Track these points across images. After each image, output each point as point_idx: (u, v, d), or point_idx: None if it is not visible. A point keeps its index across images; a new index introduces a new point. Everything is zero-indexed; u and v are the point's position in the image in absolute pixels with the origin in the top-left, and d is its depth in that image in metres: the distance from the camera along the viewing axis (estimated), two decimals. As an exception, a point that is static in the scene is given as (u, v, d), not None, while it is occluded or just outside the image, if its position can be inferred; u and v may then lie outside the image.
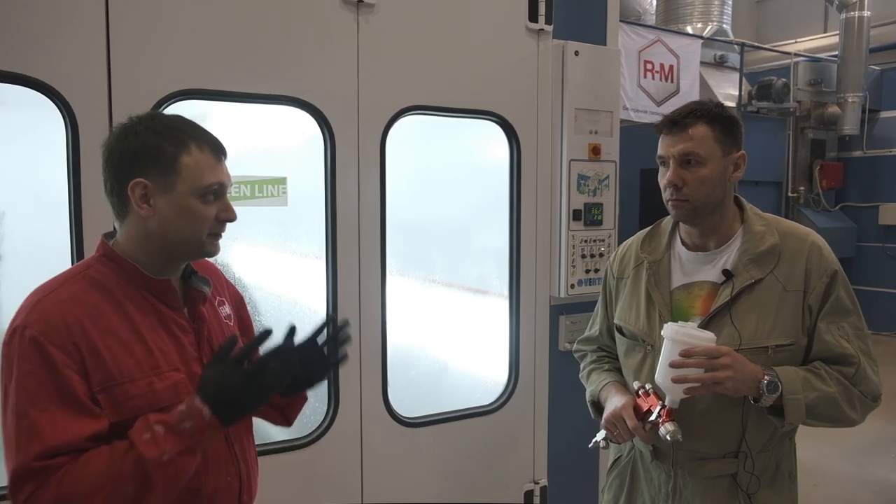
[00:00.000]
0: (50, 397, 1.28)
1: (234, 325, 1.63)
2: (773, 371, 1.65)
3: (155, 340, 1.41)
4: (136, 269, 1.42)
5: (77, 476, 1.27)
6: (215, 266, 1.72)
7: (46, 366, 1.29)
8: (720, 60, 8.34)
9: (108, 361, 1.34)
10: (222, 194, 1.45)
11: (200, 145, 1.42)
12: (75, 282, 1.40)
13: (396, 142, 2.64)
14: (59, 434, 1.27)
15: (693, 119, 1.71)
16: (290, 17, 2.38)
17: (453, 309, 3.17)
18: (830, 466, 4.90)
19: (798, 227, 1.81)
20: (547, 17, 2.90)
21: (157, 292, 1.44)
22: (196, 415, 1.33)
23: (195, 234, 1.43)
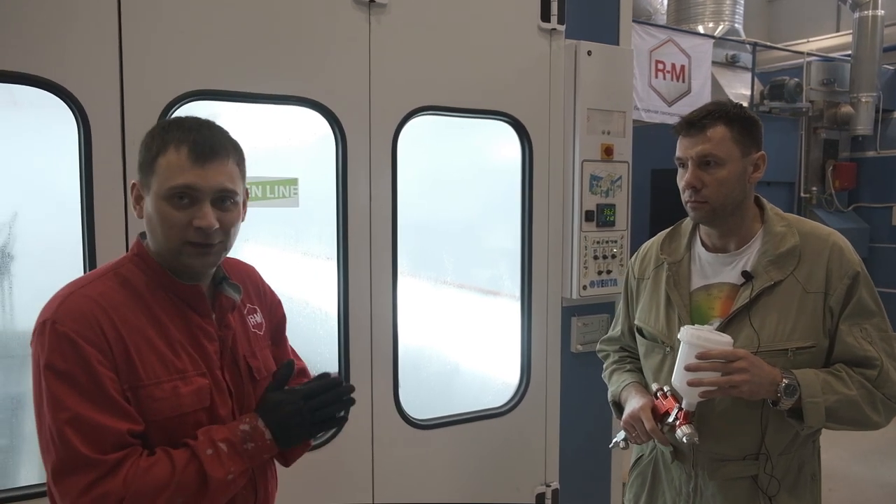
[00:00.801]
0: (88, 393, 1.27)
1: (263, 335, 1.59)
2: (792, 374, 1.63)
3: (182, 344, 1.39)
4: (164, 273, 1.40)
5: (143, 479, 1.28)
6: (253, 270, 1.67)
7: (80, 362, 1.27)
8: (732, 60, 8.28)
9: (136, 362, 1.33)
10: (199, 200, 1.34)
11: (179, 146, 1.34)
12: (106, 279, 1.38)
13: (408, 142, 2.62)
14: (104, 428, 1.26)
15: (711, 120, 1.70)
16: (302, 17, 2.37)
17: (464, 310, 3.16)
18: (845, 470, 4.85)
19: (820, 228, 1.79)
20: (559, 16, 2.88)
21: (185, 297, 1.42)
22: (259, 437, 1.38)
23: (168, 239, 1.36)
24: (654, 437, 1.73)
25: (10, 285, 2.26)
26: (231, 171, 1.39)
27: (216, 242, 1.37)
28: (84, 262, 2.10)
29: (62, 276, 2.20)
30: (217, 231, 1.36)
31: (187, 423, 1.37)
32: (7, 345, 2.26)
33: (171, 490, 1.29)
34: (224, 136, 1.42)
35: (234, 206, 1.40)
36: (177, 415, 1.36)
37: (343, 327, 2.52)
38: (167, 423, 1.35)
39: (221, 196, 1.37)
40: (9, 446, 2.27)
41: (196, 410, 1.37)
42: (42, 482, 2.12)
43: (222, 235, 1.38)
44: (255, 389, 1.50)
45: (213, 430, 1.36)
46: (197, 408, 1.38)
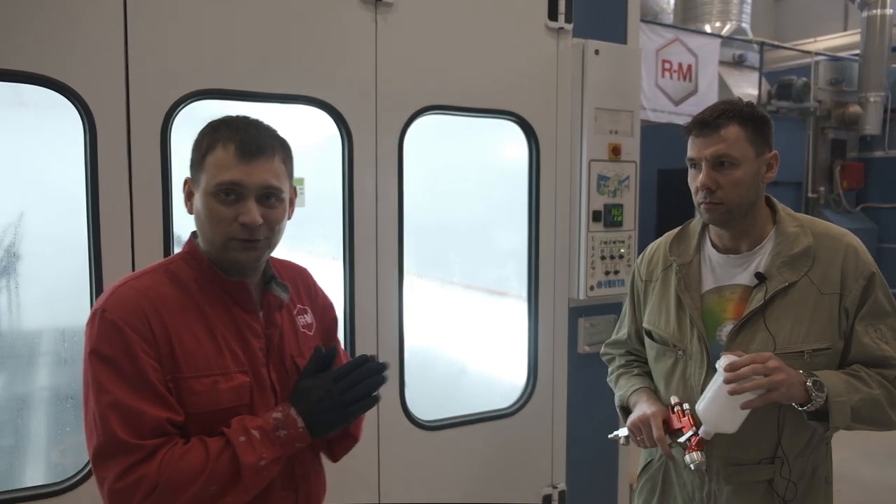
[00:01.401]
0: (133, 380, 1.31)
1: (313, 335, 1.60)
2: (815, 375, 1.61)
3: (226, 341, 1.41)
4: (212, 269, 1.43)
5: (177, 466, 1.29)
6: (305, 271, 1.69)
7: (125, 349, 1.31)
8: (739, 60, 8.26)
9: (179, 354, 1.36)
10: (245, 197, 1.37)
11: (227, 144, 1.37)
12: (156, 274, 1.42)
13: (414, 142, 2.61)
14: (145, 415, 1.30)
15: (725, 119, 1.67)
16: (308, 16, 2.36)
17: (471, 311, 3.14)
18: (853, 471, 4.82)
19: (833, 228, 1.76)
20: (567, 15, 2.86)
21: (232, 294, 1.44)
22: (291, 425, 1.37)
23: (215, 236, 1.39)
24: (660, 446, 1.69)
25: (17, 285, 2.26)
26: (277, 169, 1.41)
27: (261, 238, 1.40)
28: (89, 263, 2.09)
29: (68, 276, 2.22)
30: (261, 227, 1.38)
31: (225, 418, 1.38)
32: (13, 345, 2.26)
33: (204, 477, 1.31)
34: (271, 134, 1.45)
35: (280, 202, 1.42)
36: (214, 410, 1.37)
37: (349, 327, 2.50)
38: (205, 416, 1.37)
39: (266, 193, 1.39)
40: (14, 447, 2.27)
41: (235, 407, 1.39)
42: (47, 482, 2.12)
43: (267, 231, 1.40)
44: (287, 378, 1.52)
45: (246, 418, 1.37)
46: (236, 404, 1.39)
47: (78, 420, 2.24)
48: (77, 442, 2.23)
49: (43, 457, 2.30)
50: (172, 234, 2.21)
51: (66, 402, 2.27)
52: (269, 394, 1.46)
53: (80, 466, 2.13)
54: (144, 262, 2.12)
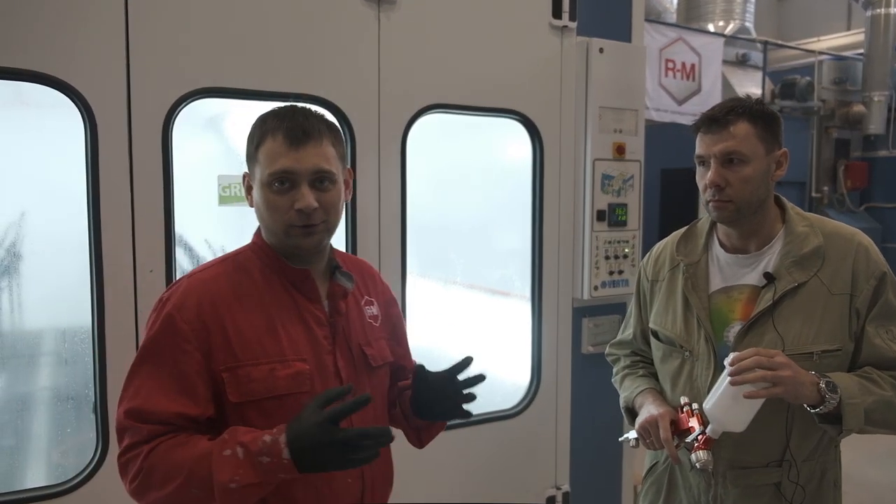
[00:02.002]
0: (161, 367, 1.36)
1: (380, 327, 1.62)
2: (827, 376, 1.58)
3: (286, 328, 1.43)
4: (277, 258, 1.47)
5: (163, 458, 1.32)
6: (371, 267, 1.73)
7: (170, 339, 1.37)
8: (742, 59, 8.23)
9: (235, 343, 1.39)
10: (298, 183, 1.39)
11: (275, 134, 1.40)
12: (224, 264, 1.48)
13: (417, 141, 2.59)
14: (154, 402, 1.35)
15: (734, 116, 1.64)
16: (311, 14, 2.34)
17: (474, 311, 3.12)
18: (859, 473, 4.79)
19: (843, 228, 1.74)
20: (571, 13, 2.84)
21: (295, 282, 1.47)
22: (276, 454, 1.28)
23: (274, 224, 1.42)
24: (666, 447, 1.67)
25: (18, 285, 2.24)
26: (326, 153, 1.43)
27: (318, 223, 1.42)
28: (90, 263, 2.08)
29: (69, 276, 2.21)
30: (318, 211, 1.40)
31: (286, 405, 1.39)
32: (14, 345, 2.24)
33: (183, 476, 1.30)
34: (319, 119, 1.47)
35: (333, 185, 1.44)
36: (272, 396, 1.39)
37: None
38: (264, 403, 1.39)
39: (319, 177, 1.41)
40: (15, 447, 2.25)
41: (294, 394, 1.40)
42: (48, 484, 2.11)
43: (324, 215, 1.42)
44: (370, 377, 1.54)
45: (240, 430, 1.34)
46: (294, 391, 1.40)
47: (79, 421, 2.23)
48: (78, 443, 2.22)
49: (44, 458, 2.29)
50: (174, 234, 2.19)
51: (67, 402, 2.25)
52: (334, 381, 1.47)
53: (81, 467, 2.11)
54: (146, 262, 2.14)
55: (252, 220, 2.45)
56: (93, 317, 2.10)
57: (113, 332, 2.10)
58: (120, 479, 2.09)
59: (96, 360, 2.10)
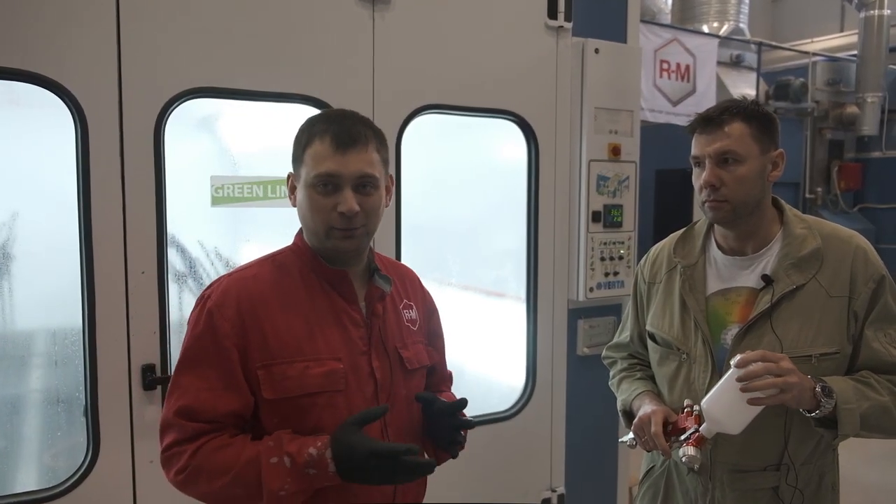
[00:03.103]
0: (207, 365, 1.41)
1: (418, 331, 1.64)
2: (823, 380, 1.57)
3: (322, 328, 1.47)
4: (316, 258, 1.50)
5: (209, 458, 1.38)
6: (412, 273, 1.76)
7: (211, 336, 1.42)
8: (737, 60, 8.23)
9: (271, 340, 1.43)
10: (342, 186, 1.43)
11: (323, 136, 1.44)
12: (263, 264, 1.53)
13: (412, 142, 2.58)
14: (203, 400, 1.40)
15: (729, 116, 1.64)
16: (304, 13, 2.33)
17: (469, 312, 3.11)
18: (854, 474, 4.79)
19: (841, 230, 1.73)
20: (566, 14, 2.83)
21: (333, 282, 1.50)
22: (322, 467, 1.36)
23: (315, 225, 1.46)
24: (657, 441, 1.65)
25: (9, 286, 2.22)
26: (371, 158, 1.46)
27: (359, 226, 1.45)
28: (81, 263, 2.06)
29: (60, 277, 2.19)
30: (359, 215, 1.44)
31: (318, 403, 1.44)
32: (3, 346, 2.22)
33: (228, 478, 1.37)
34: (365, 124, 1.50)
35: (375, 190, 1.47)
36: (305, 394, 1.43)
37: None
38: (298, 400, 1.43)
39: (362, 181, 1.44)
40: (5, 450, 2.23)
41: (326, 392, 1.44)
42: (39, 488, 2.08)
43: (364, 219, 1.46)
44: (405, 380, 1.57)
45: (286, 437, 1.40)
46: (327, 390, 1.44)
47: (70, 423, 2.21)
48: (69, 445, 2.20)
49: (35, 461, 2.26)
50: (166, 235, 2.17)
51: (58, 405, 2.23)
52: (368, 381, 1.50)
53: (72, 470, 2.09)
54: (137, 263, 2.11)
55: (246, 222, 2.47)
56: (83, 318, 2.07)
57: (104, 334, 2.08)
58: (109, 483, 2.11)
59: (87, 363, 2.08)
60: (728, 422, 1.57)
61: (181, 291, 2.35)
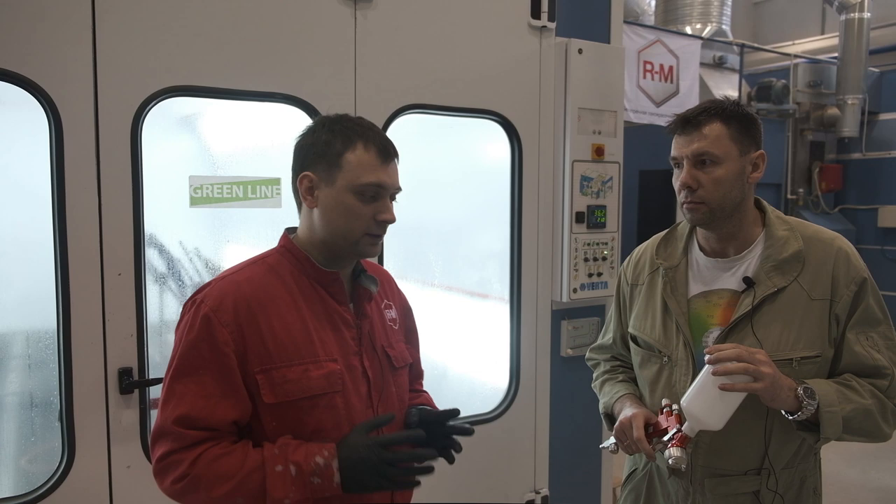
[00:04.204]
0: (204, 372, 1.38)
1: (398, 330, 1.68)
2: (805, 383, 1.56)
3: (317, 330, 1.47)
4: (308, 260, 1.50)
5: (210, 466, 1.36)
6: (388, 273, 1.79)
7: (209, 342, 1.39)
8: (719, 61, 8.28)
9: (269, 344, 1.42)
10: (382, 196, 1.47)
11: (367, 145, 1.45)
12: (255, 267, 1.50)
13: (396, 142, 2.54)
14: (201, 408, 1.37)
15: (707, 117, 1.63)
16: (285, 11, 2.30)
17: (453, 313, 3.09)
18: (835, 473, 4.83)
19: (824, 232, 1.72)
20: (550, 14, 2.82)
21: (325, 284, 1.51)
22: (327, 477, 1.38)
23: (350, 231, 1.46)
24: (640, 446, 1.63)
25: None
26: (398, 171, 1.53)
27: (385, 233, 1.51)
28: (55, 264, 2.02)
29: (35, 278, 2.14)
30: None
31: (319, 405, 1.44)
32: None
33: (231, 485, 1.35)
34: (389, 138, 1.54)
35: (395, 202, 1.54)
36: (307, 397, 1.43)
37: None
38: (299, 403, 1.43)
39: (395, 193, 1.51)
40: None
41: (327, 394, 1.44)
42: (11, 495, 2.04)
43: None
44: (394, 378, 1.60)
45: (291, 446, 1.39)
46: (328, 391, 1.44)
47: (46, 427, 2.17)
48: (46, 450, 2.15)
49: (11, 466, 2.22)
50: (143, 236, 2.14)
51: (32, 409, 2.19)
52: (362, 381, 1.52)
53: (48, 475, 2.05)
54: (114, 264, 2.08)
55: (226, 223, 2.43)
56: (58, 320, 2.03)
57: (79, 336, 2.04)
58: (85, 489, 2.07)
59: (62, 366, 2.04)
60: (709, 418, 1.56)
61: (162, 293, 2.32)
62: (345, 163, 1.44)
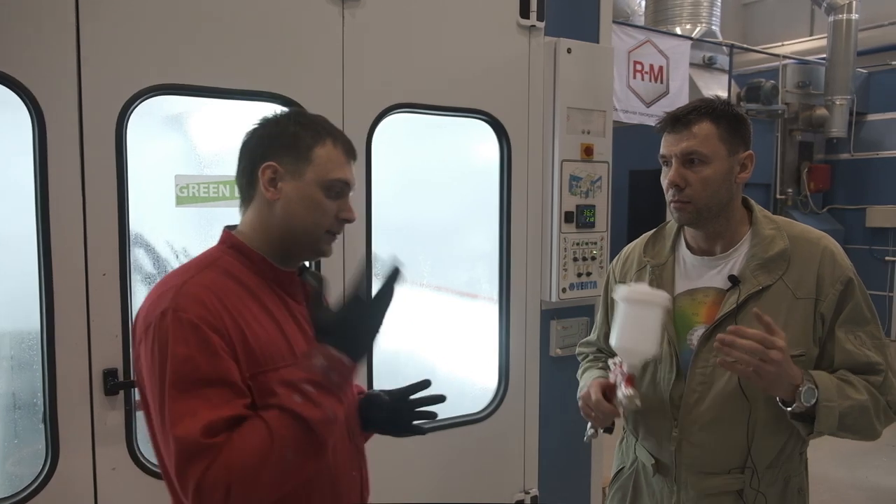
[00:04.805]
0: (207, 380, 1.27)
1: None
2: (811, 375, 1.55)
3: (289, 330, 1.43)
4: (265, 260, 1.44)
5: (241, 454, 1.23)
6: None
7: (205, 350, 1.28)
8: (709, 62, 8.31)
9: (255, 349, 1.35)
10: (345, 194, 1.46)
11: (335, 142, 1.44)
12: (211, 270, 1.39)
13: (384, 141, 2.55)
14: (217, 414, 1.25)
15: (696, 116, 1.63)
16: (273, 9, 2.28)
17: (442, 313, 3.08)
18: (824, 472, 4.85)
19: (810, 231, 1.72)
20: (539, 13, 2.82)
21: (284, 283, 1.46)
22: (339, 365, 1.32)
23: (314, 225, 1.43)
24: (601, 408, 1.66)
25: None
26: None
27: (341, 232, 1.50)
28: (39, 264, 1.99)
29: (18, 278, 2.12)
30: None
31: None
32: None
33: (274, 453, 1.25)
34: None
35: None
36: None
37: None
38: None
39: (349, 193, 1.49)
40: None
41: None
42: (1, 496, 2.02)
43: None
44: None
45: (284, 374, 1.31)
46: None
47: (30, 429, 2.14)
48: (31, 452, 2.13)
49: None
50: (128, 235, 2.12)
51: (15, 411, 2.16)
52: None
53: (32, 477, 2.03)
54: (99, 265, 2.05)
55: (212, 222, 2.41)
56: (42, 321, 2.01)
57: (63, 337, 2.02)
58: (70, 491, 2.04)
59: (45, 367, 2.02)
60: (639, 345, 1.61)
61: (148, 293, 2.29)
62: (315, 157, 1.41)
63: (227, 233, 1.48)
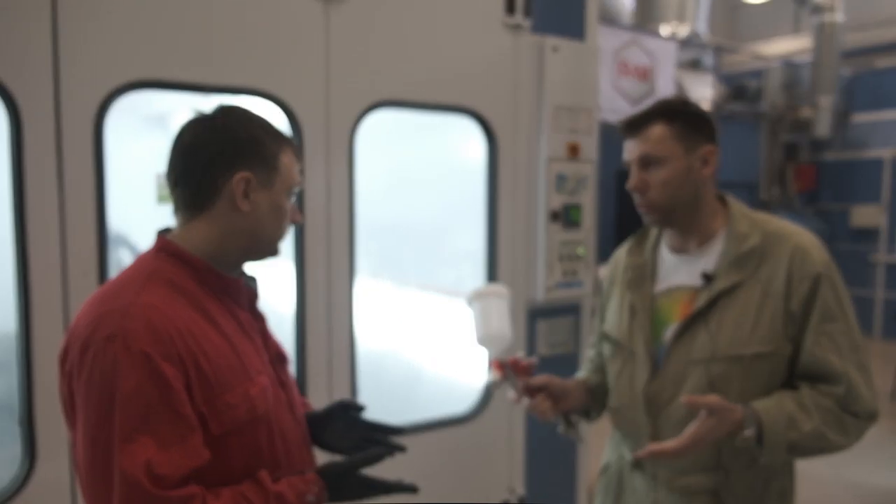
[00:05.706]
0: (160, 418, 1.18)
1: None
2: (756, 412, 1.53)
3: (239, 344, 1.35)
4: (212, 270, 1.34)
5: None
6: None
7: (157, 382, 1.18)
8: (695, 62, 8.35)
9: (208, 372, 1.25)
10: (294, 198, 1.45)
11: (291, 146, 1.42)
12: (155, 284, 1.27)
13: (370, 140, 2.52)
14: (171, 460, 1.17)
15: (649, 119, 1.64)
16: (256, 4, 2.25)
17: (427, 313, 3.07)
18: (810, 469, 4.83)
19: (787, 228, 1.68)
20: (525, 10, 2.80)
21: (229, 291, 1.38)
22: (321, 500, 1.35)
23: (280, 232, 1.41)
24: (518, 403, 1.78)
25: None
26: None
27: None
28: (16, 264, 1.95)
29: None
30: None
31: (262, 427, 1.34)
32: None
33: None
34: None
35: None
36: (252, 419, 1.31)
37: (299, 330, 2.40)
38: (245, 427, 1.31)
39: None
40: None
41: (266, 412, 1.34)
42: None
43: None
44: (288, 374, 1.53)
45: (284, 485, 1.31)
46: (265, 408, 1.34)
47: (7, 432, 2.10)
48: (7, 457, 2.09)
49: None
50: (107, 235, 2.08)
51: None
52: (280, 389, 1.43)
53: (9, 481, 1.99)
54: (77, 266, 2.01)
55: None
56: (19, 322, 1.97)
57: (41, 339, 1.98)
58: (46, 496, 2.00)
59: (22, 369, 1.98)
60: (495, 332, 1.76)
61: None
62: (281, 165, 1.36)
63: (163, 239, 1.35)
